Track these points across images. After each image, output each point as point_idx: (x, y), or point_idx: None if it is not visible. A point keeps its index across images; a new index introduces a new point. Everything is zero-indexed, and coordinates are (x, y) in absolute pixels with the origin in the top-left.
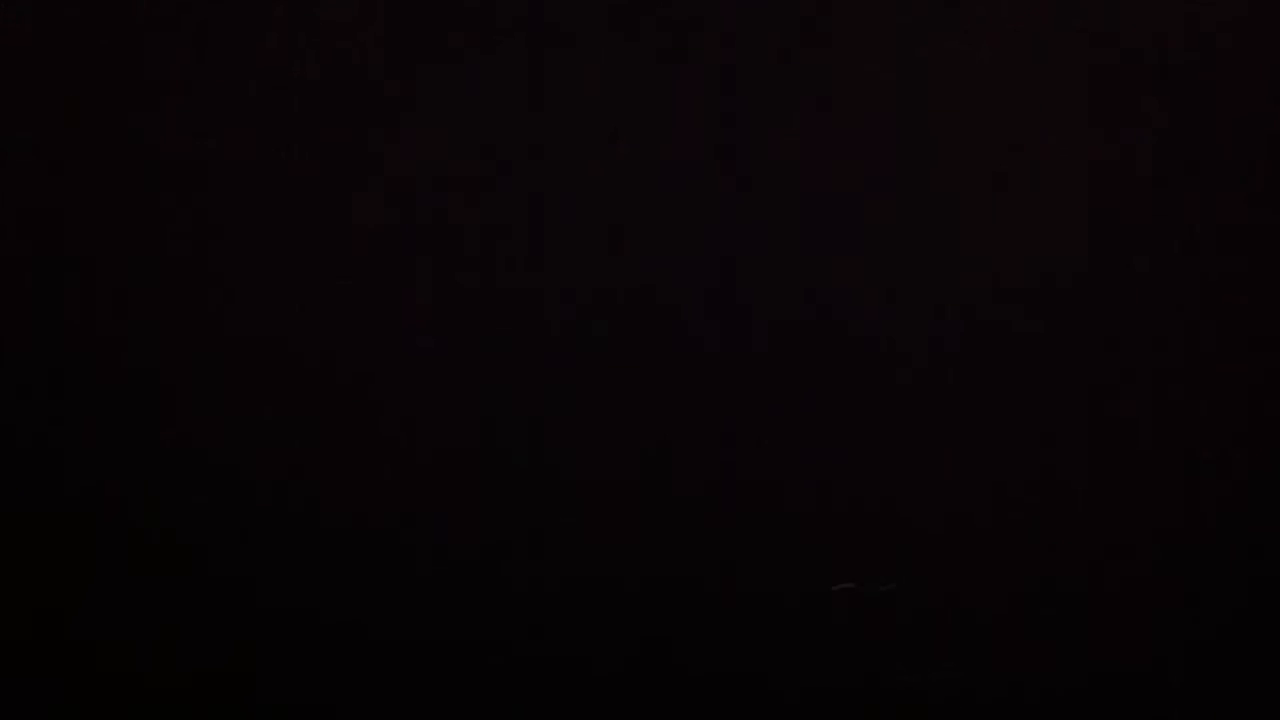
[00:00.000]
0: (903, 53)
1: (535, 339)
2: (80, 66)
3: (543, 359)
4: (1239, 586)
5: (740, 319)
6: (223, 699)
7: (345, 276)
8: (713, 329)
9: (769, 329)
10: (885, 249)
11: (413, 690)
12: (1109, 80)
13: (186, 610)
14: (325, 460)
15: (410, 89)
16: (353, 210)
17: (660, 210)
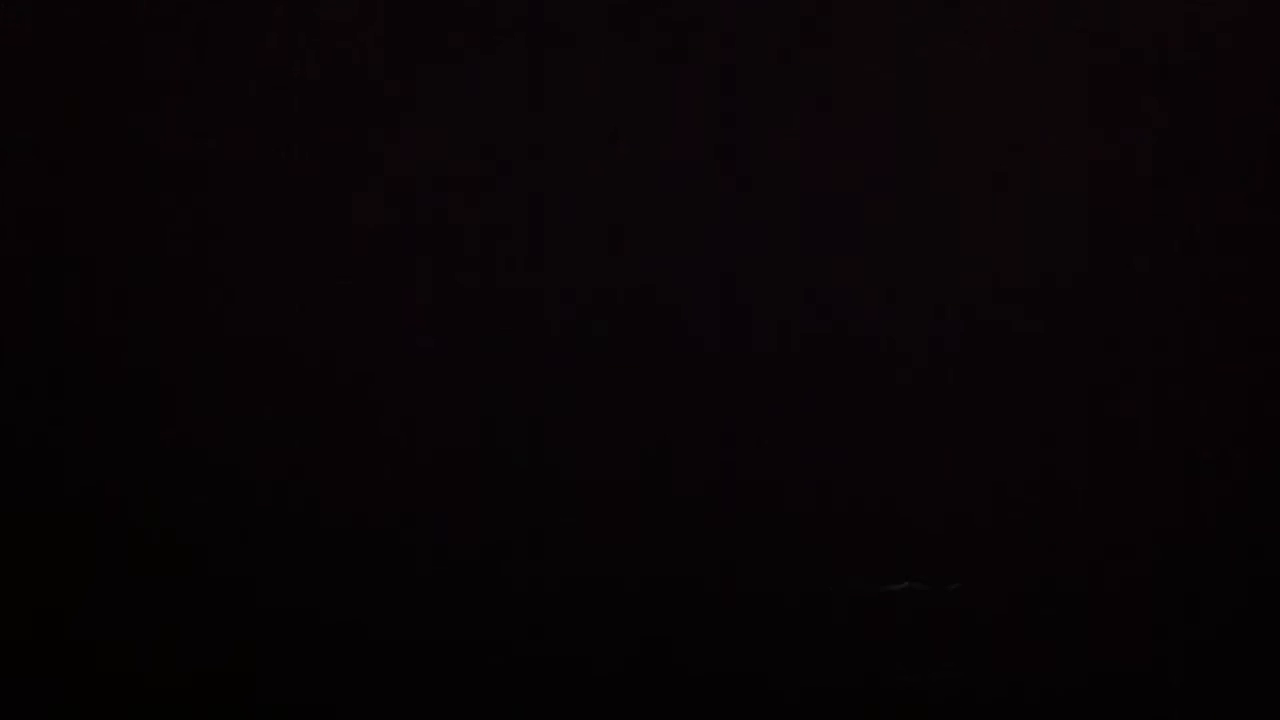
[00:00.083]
0: (903, 53)
1: (535, 339)
2: (80, 66)
3: (543, 359)
4: (1239, 586)
5: (740, 319)
6: (223, 699)
7: (345, 276)
8: (713, 329)
9: (769, 329)
10: (885, 249)
11: (413, 690)
12: (1109, 80)
13: (186, 610)
14: (325, 460)
15: (410, 89)
16: (353, 210)
17: (660, 210)
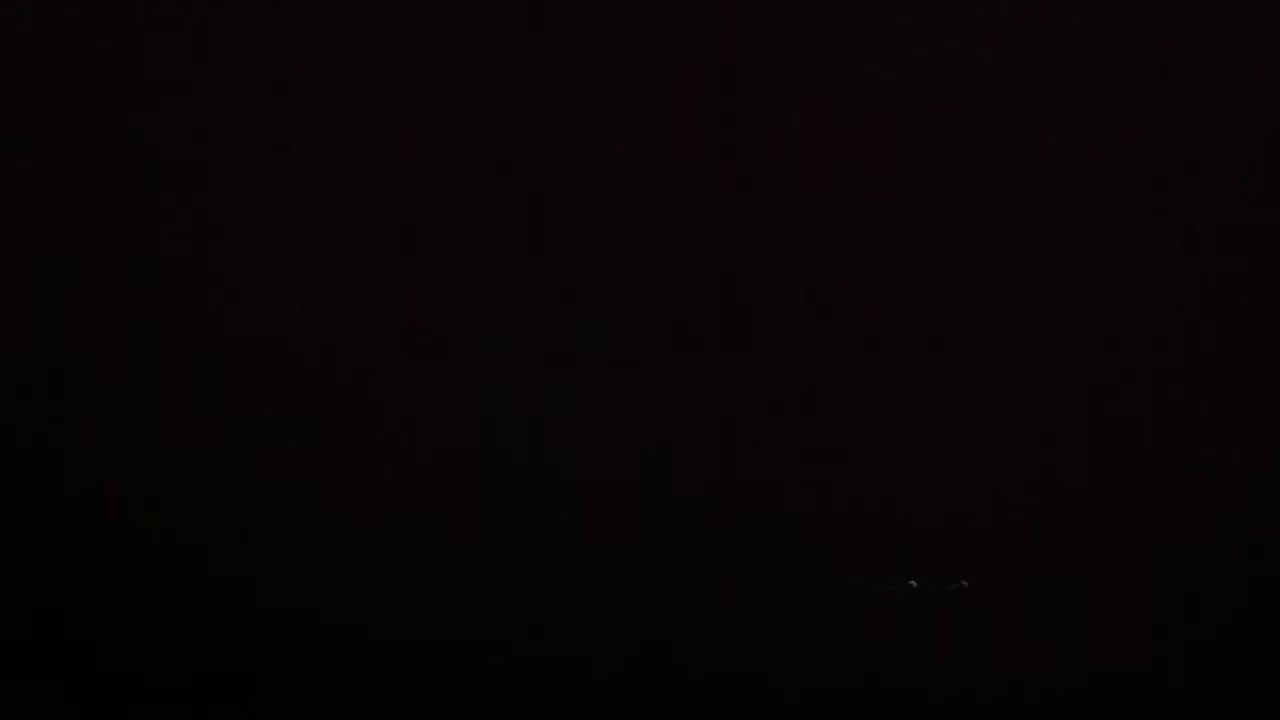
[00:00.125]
0: (903, 53)
1: (535, 339)
2: (80, 66)
3: (543, 359)
4: (1239, 586)
5: (740, 319)
6: (223, 699)
7: (345, 276)
8: (713, 329)
9: (769, 329)
10: (885, 249)
11: (413, 690)
12: (1109, 80)
13: (186, 610)
14: (325, 460)
15: (410, 89)
16: (353, 210)
17: (660, 210)
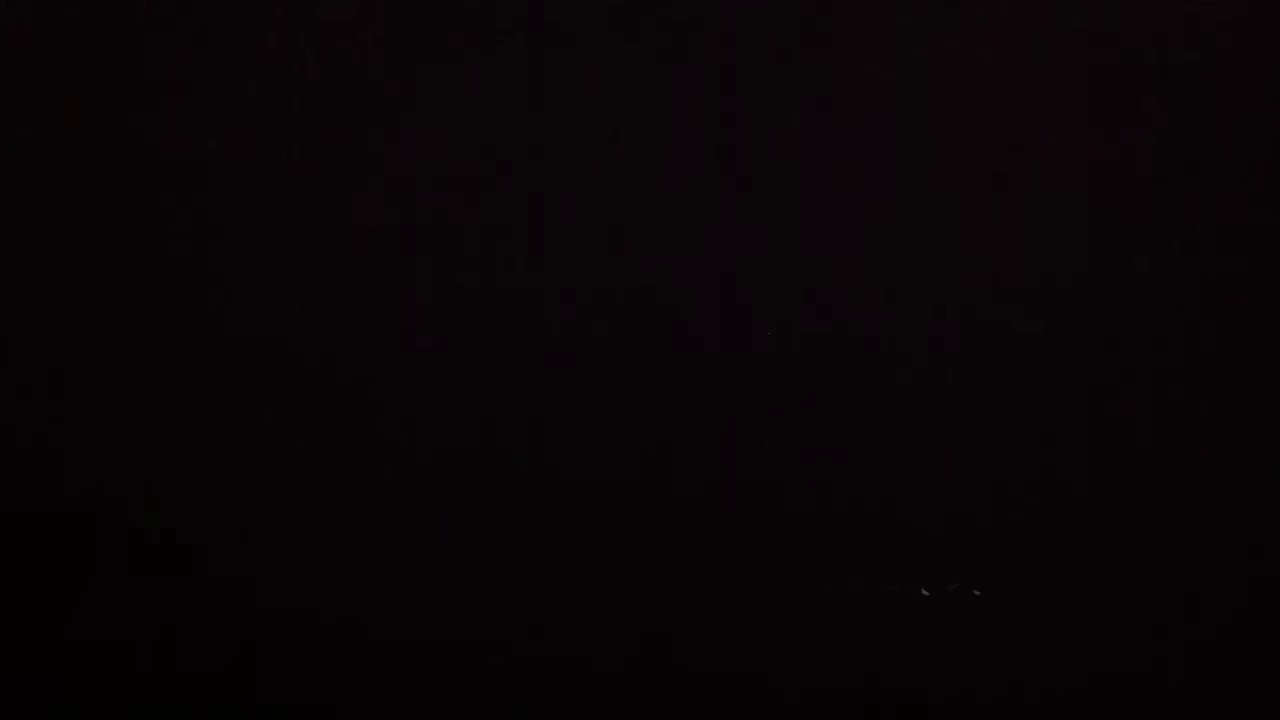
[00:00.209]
0: (903, 53)
1: (535, 339)
2: (80, 66)
3: (543, 359)
4: (1239, 586)
5: (740, 319)
6: (223, 699)
7: (345, 276)
8: (713, 329)
9: (769, 329)
10: (885, 249)
11: (413, 690)
12: (1109, 80)
13: (186, 610)
14: (325, 460)
15: (410, 89)
16: (353, 210)
17: (660, 210)
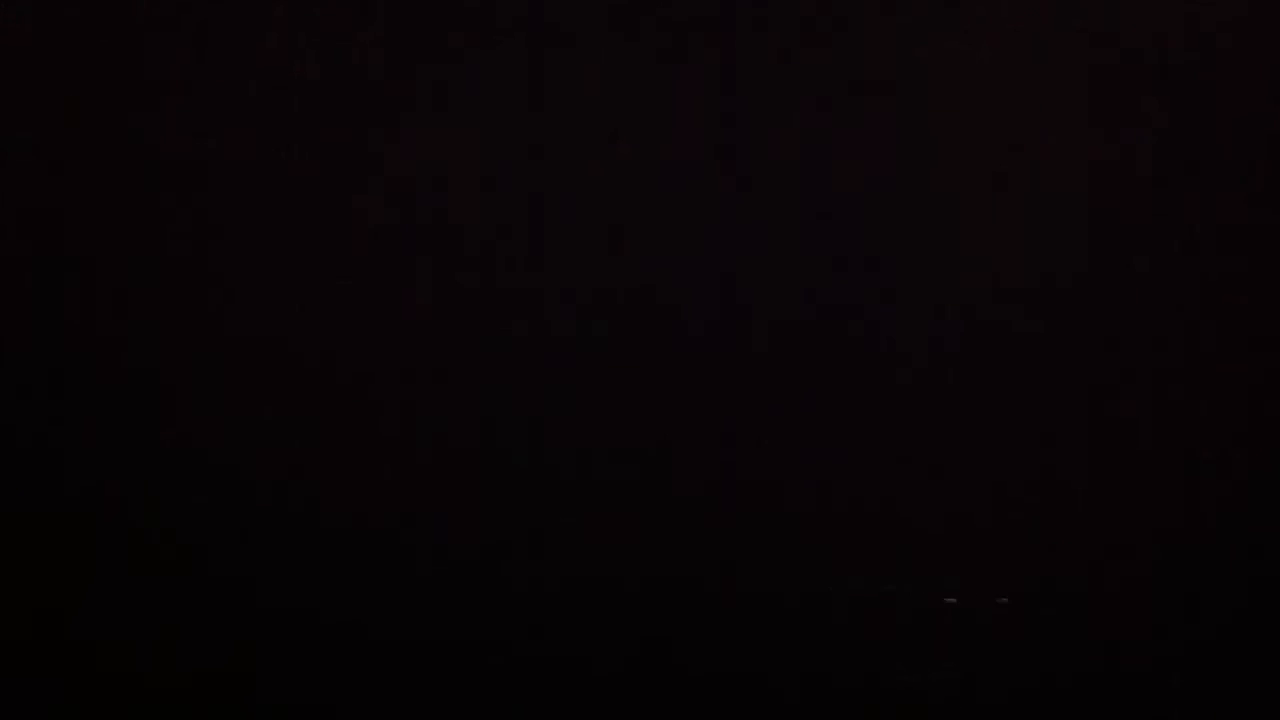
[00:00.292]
0: (903, 53)
1: (535, 339)
2: (80, 66)
3: (543, 359)
4: (1239, 586)
5: (740, 319)
6: (223, 699)
7: (345, 276)
8: (713, 329)
9: (769, 329)
10: (885, 249)
11: (413, 690)
12: (1109, 80)
13: (186, 610)
14: (325, 460)
15: (410, 89)
16: (353, 210)
17: (660, 210)
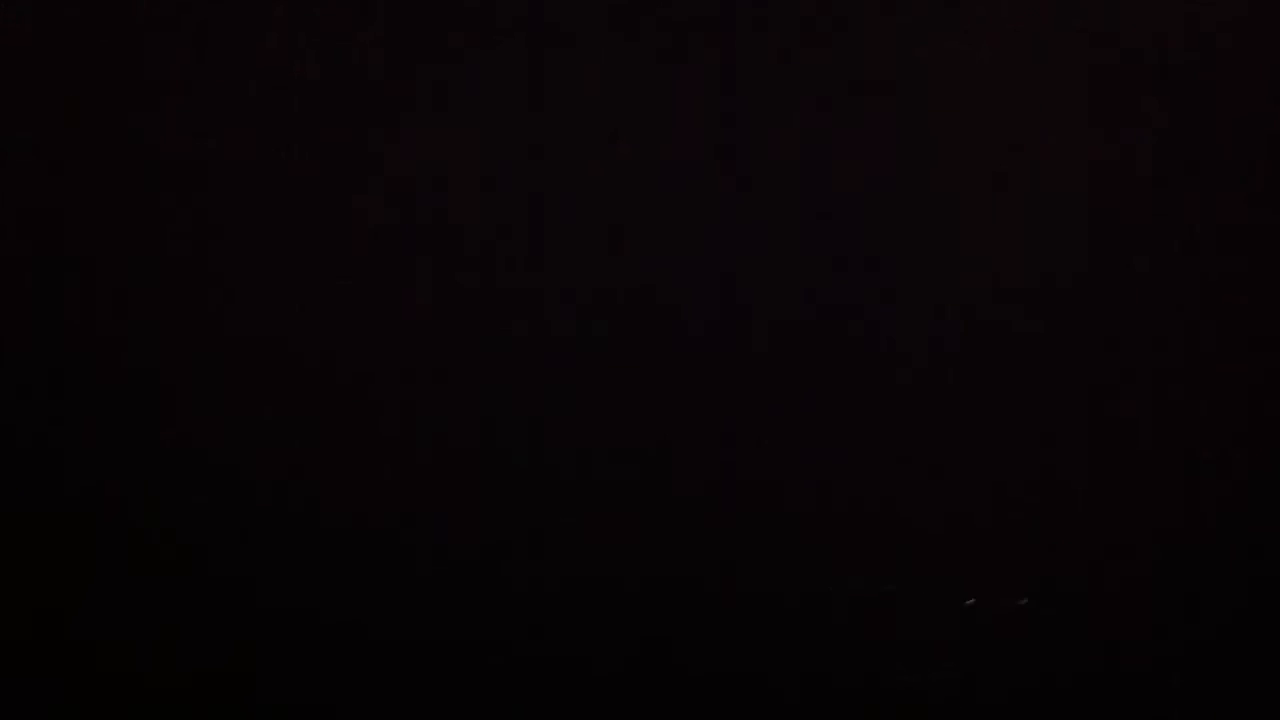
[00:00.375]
0: (903, 53)
1: (535, 339)
2: (80, 66)
3: (543, 359)
4: (1239, 586)
5: (740, 319)
6: (223, 699)
7: (345, 276)
8: (713, 329)
9: (769, 329)
10: (885, 249)
11: (413, 690)
12: (1109, 80)
13: (186, 610)
14: (325, 460)
15: (410, 89)
16: (353, 210)
17: (660, 210)
